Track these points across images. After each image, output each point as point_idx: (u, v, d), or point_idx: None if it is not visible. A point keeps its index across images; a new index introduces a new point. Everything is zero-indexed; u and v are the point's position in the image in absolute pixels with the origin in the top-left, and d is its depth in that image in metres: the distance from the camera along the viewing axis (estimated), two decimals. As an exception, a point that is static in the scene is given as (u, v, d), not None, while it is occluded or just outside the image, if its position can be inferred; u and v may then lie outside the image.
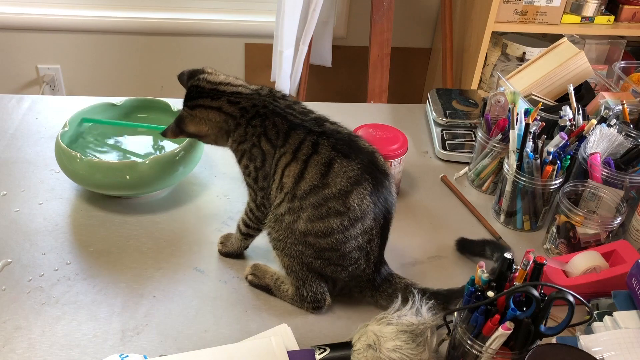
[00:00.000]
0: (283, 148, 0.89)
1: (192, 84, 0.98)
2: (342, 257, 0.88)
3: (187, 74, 1.01)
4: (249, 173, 0.94)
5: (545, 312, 0.73)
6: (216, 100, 0.95)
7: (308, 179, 0.86)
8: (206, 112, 0.96)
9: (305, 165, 0.87)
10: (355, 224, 0.86)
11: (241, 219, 0.99)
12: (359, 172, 0.86)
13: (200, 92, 0.97)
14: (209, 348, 0.83)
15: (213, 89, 0.96)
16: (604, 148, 1.10)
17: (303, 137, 0.89)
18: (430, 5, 2.57)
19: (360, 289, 0.93)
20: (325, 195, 0.85)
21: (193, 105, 0.97)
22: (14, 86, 2.56)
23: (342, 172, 0.85)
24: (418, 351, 0.78)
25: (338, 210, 0.85)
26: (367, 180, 0.86)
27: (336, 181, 0.85)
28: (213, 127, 0.96)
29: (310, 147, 0.88)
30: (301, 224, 0.87)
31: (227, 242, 1.02)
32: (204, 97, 0.96)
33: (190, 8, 2.50)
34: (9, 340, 0.85)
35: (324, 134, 0.89)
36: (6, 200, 1.12)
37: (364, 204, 0.86)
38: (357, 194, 0.85)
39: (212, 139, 0.98)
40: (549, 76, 1.35)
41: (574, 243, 1.04)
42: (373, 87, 2.23)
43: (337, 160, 0.86)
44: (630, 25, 2.15)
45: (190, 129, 0.98)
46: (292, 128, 0.90)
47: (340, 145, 0.88)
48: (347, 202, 0.85)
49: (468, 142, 1.34)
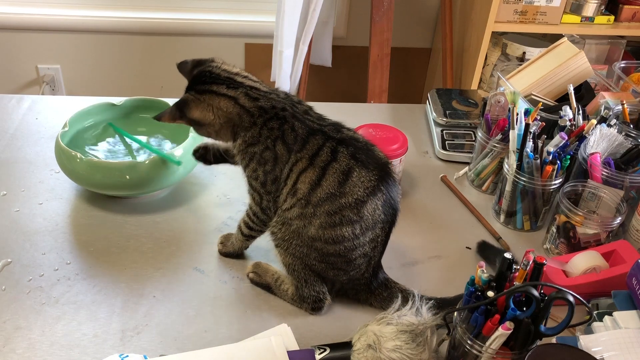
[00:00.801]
0: (300, 153, 0.87)
1: (203, 70, 0.93)
2: (346, 263, 0.88)
3: (192, 63, 0.96)
4: (256, 177, 0.91)
5: (545, 312, 0.73)
6: (233, 89, 0.90)
7: (325, 186, 0.85)
8: (218, 99, 0.90)
9: (323, 172, 0.85)
10: (366, 232, 0.86)
11: (243, 221, 0.98)
12: (376, 182, 0.86)
13: (214, 78, 0.91)
14: (209, 348, 0.83)
15: (229, 77, 0.92)
16: (604, 148, 1.10)
17: (322, 142, 0.87)
18: (430, 5, 2.57)
19: (355, 291, 0.94)
20: (341, 204, 0.84)
21: (203, 89, 0.91)
22: (14, 86, 2.56)
23: (360, 182, 0.85)
24: (418, 351, 0.78)
25: (351, 219, 0.85)
26: (381, 191, 0.86)
27: (354, 191, 0.84)
28: (221, 117, 0.91)
29: (329, 154, 0.86)
30: (312, 230, 0.86)
31: (227, 242, 1.02)
32: (218, 84, 0.91)
33: (190, 8, 2.50)
34: (9, 340, 0.85)
35: (343, 141, 0.87)
36: (6, 200, 1.12)
37: (376, 214, 0.86)
38: (372, 204, 0.85)
39: (214, 129, 0.92)
40: (549, 76, 1.35)
41: (574, 243, 1.04)
42: (373, 87, 2.23)
43: (356, 170, 0.85)
44: (630, 25, 2.15)
45: (194, 114, 0.91)
46: (311, 133, 0.88)
47: (359, 154, 0.86)
48: (361, 211, 0.85)
49: (468, 142, 1.34)
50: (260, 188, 0.91)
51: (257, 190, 0.92)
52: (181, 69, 0.97)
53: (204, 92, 0.91)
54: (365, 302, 0.94)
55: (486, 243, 1.07)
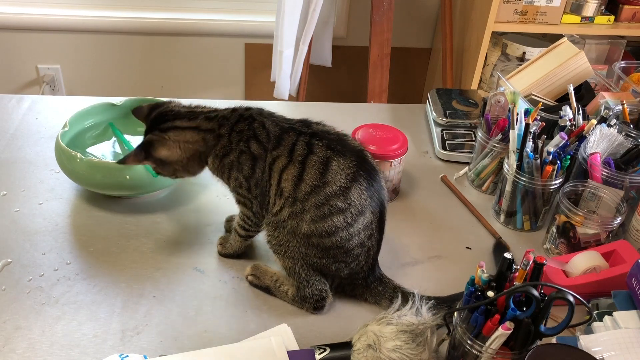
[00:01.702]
0: (276, 151, 0.89)
1: (163, 110, 0.95)
2: (345, 254, 0.89)
3: (148, 107, 0.98)
4: (240, 185, 0.92)
5: (545, 312, 0.73)
6: (193, 120, 0.93)
7: (308, 180, 0.86)
8: (182, 133, 0.92)
9: (303, 166, 0.87)
10: (357, 219, 0.87)
11: (237, 224, 0.98)
12: (355, 169, 0.87)
13: (175, 115, 0.94)
14: (209, 348, 0.83)
15: (190, 111, 0.95)
16: (604, 148, 1.10)
17: (295, 138, 0.89)
18: (430, 5, 2.57)
19: (353, 287, 0.94)
20: (327, 194, 0.86)
21: (167, 127, 0.93)
22: (14, 86, 2.56)
23: (340, 170, 0.86)
24: (418, 351, 0.78)
25: (340, 207, 0.86)
26: (362, 176, 0.88)
27: (336, 179, 0.86)
28: (187, 152, 0.93)
29: (304, 147, 0.88)
30: (304, 226, 0.87)
31: (226, 243, 1.02)
32: (179, 119, 0.94)
33: (190, 8, 2.50)
34: (9, 340, 0.85)
35: (315, 134, 0.90)
36: (6, 200, 1.12)
37: (362, 199, 0.87)
38: (355, 189, 0.87)
39: (180, 165, 0.94)
40: (549, 76, 1.35)
41: (574, 243, 1.04)
42: (373, 87, 2.23)
43: (334, 158, 0.87)
44: (630, 25, 2.15)
45: (161, 153, 0.92)
46: (283, 131, 0.90)
47: (334, 144, 0.89)
48: (348, 197, 0.86)
49: (468, 142, 1.34)
50: (248, 194, 0.93)
51: (246, 197, 0.94)
52: (137, 114, 0.99)
53: (168, 130, 0.93)
54: (360, 297, 0.95)
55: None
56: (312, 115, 0.97)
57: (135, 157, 0.93)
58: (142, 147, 0.93)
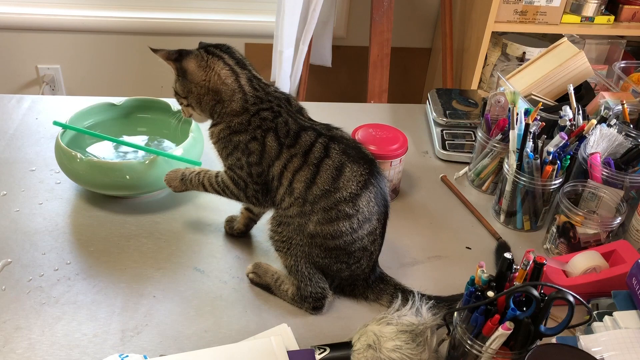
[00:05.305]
0: (293, 149, 0.88)
1: (221, 45, 0.94)
2: (347, 255, 0.89)
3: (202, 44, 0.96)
4: (240, 166, 0.91)
5: (545, 312, 0.73)
6: (240, 68, 0.92)
7: (320, 183, 0.86)
8: (220, 66, 0.90)
9: (317, 169, 0.87)
10: (363, 225, 0.88)
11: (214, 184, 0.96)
12: (367, 176, 0.88)
13: (228, 51, 0.93)
14: (209, 348, 0.83)
15: (242, 60, 0.94)
16: (604, 148, 1.10)
17: (314, 138, 0.89)
18: (430, 5, 2.57)
19: (352, 287, 0.95)
20: (337, 199, 0.86)
21: (214, 53, 0.92)
22: (14, 86, 2.56)
23: (352, 177, 0.87)
24: (418, 351, 0.78)
25: (348, 213, 0.86)
26: (372, 184, 0.88)
27: (347, 185, 0.86)
28: (211, 83, 0.90)
29: (322, 150, 0.88)
30: (310, 227, 0.87)
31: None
32: (230, 56, 0.92)
33: (190, 8, 2.50)
34: (9, 340, 0.85)
35: (334, 138, 0.90)
36: (6, 200, 1.12)
37: (370, 206, 0.87)
38: (365, 197, 0.87)
39: (197, 92, 0.91)
40: (549, 76, 1.35)
41: (574, 243, 1.04)
42: (373, 87, 2.23)
43: (348, 165, 0.87)
44: (630, 25, 2.15)
45: (189, 65, 0.91)
46: (303, 129, 0.90)
47: (350, 150, 0.89)
48: (357, 204, 0.86)
49: (468, 142, 1.34)
50: (247, 177, 0.92)
51: (242, 178, 0.92)
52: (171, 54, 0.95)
53: (213, 55, 0.92)
54: (361, 295, 0.95)
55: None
56: (311, 115, 0.97)
57: (168, 53, 0.92)
58: (180, 50, 0.91)
